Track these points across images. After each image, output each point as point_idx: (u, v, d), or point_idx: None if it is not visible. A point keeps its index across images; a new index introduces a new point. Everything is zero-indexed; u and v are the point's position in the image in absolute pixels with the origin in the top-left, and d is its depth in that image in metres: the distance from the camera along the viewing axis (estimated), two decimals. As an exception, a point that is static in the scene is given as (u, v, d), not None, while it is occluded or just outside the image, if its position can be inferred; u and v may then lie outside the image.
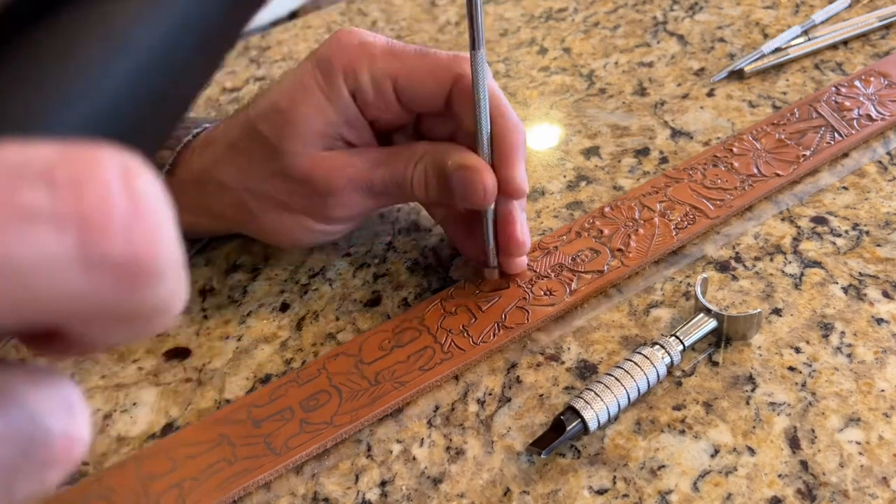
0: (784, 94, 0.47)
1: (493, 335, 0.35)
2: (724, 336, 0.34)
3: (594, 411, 0.30)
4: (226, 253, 0.42)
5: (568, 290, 0.36)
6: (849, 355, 0.33)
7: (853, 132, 0.42)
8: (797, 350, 0.33)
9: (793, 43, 0.50)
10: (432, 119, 0.37)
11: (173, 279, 0.12)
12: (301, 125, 0.34)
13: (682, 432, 0.31)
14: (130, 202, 0.11)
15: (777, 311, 0.35)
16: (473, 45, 0.30)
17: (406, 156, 0.35)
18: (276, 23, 0.78)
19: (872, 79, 0.46)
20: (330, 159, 0.34)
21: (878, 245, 0.37)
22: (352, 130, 0.35)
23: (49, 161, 0.10)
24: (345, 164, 0.34)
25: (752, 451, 0.30)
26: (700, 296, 0.34)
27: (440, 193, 0.35)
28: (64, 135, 0.11)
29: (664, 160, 0.44)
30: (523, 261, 0.37)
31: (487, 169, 0.33)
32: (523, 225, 0.35)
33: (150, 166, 0.11)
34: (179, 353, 0.37)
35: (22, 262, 0.10)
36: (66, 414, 0.12)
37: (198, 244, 0.42)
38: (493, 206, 0.34)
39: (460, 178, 0.33)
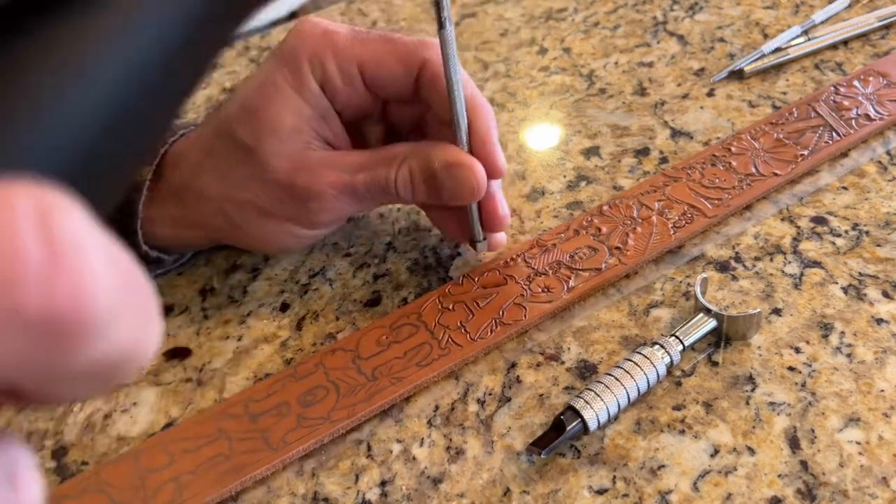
0: (784, 94, 0.47)
1: (491, 331, 0.35)
2: (724, 336, 0.34)
3: (594, 411, 0.30)
4: (226, 253, 0.42)
5: (566, 287, 0.36)
6: (849, 355, 0.33)
7: (851, 132, 0.42)
8: (797, 350, 0.33)
9: (793, 43, 0.50)
10: (399, 105, 0.37)
11: (122, 327, 0.10)
12: (275, 123, 0.33)
13: (682, 432, 0.31)
14: (47, 249, 0.09)
15: (777, 311, 0.35)
16: (441, 25, 0.30)
17: (388, 158, 0.35)
18: (275, 23, 0.78)
19: (871, 78, 0.46)
20: (310, 164, 0.34)
21: (878, 245, 0.37)
22: (324, 124, 0.35)
23: None
24: (326, 169, 0.34)
25: (751, 451, 0.30)
26: (700, 295, 0.34)
27: (427, 193, 0.35)
28: (7, 168, 0.09)
29: (664, 160, 0.44)
30: (504, 236, 0.37)
31: (476, 164, 0.33)
32: (502, 200, 0.36)
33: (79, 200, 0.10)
34: (179, 353, 0.37)
35: None
36: (15, 486, 0.10)
37: (182, 258, 0.41)
38: None
39: (450, 175, 0.33)
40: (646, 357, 0.32)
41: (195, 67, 0.12)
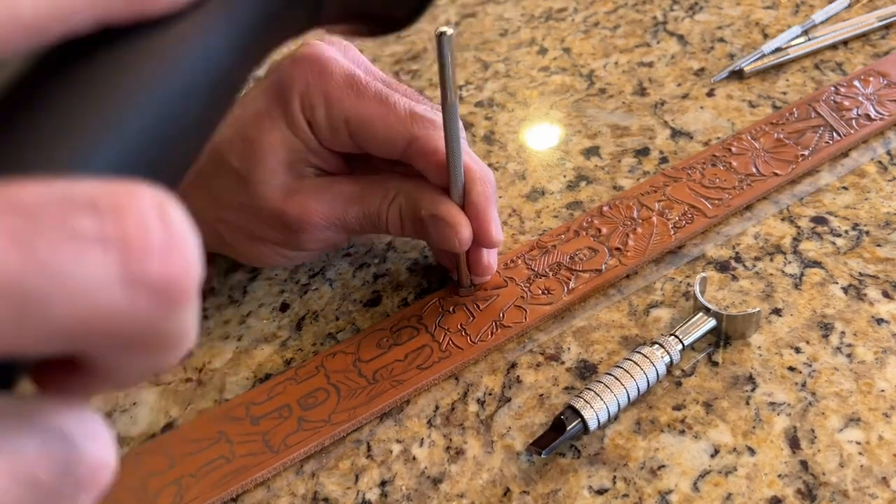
0: (784, 94, 0.47)
1: (491, 334, 0.35)
2: (724, 335, 0.34)
3: (594, 410, 0.30)
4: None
5: (566, 288, 0.36)
6: (849, 355, 0.33)
7: (852, 132, 0.42)
8: (797, 350, 0.33)
9: (793, 43, 0.50)
10: None
11: (195, 308, 0.12)
12: (268, 155, 0.33)
13: (682, 432, 0.31)
14: (165, 231, 0.12)
15: (777, 311, 0.35)
16: (445, 98, 0.29)
17: (380, 193, 0.34)
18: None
19: (871, 78, 0.46)
20: (301, 196, 0.34)
21: (878, 245, 0.37)
22: (317, 157, 0.35)
23: (94, 193, 0.11)
24: (316, 202, 0.34)
25: (752, 451, 0.30)
26: (699, 295, 0.34)
27: (415, 233, 0.35)
28: (100, 173, 0.12)
29: (664, 160, 0.44)
30: (490, 276, 0.37)
31: (462, 221, 0.33)
32: (491, 253, 0.36)
33: (180, 202, 0.12)
34: (179, 353, 0.37)
35: (72, 279, 0.11)
36: (95, 439, 0.13)
37: None
38: None
39: (435, 227, 0.33)
40: (645, 356, 0.32)
41: (232, 89, 0.15)
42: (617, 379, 0.31)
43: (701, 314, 0.34)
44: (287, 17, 0.16)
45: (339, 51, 0.34)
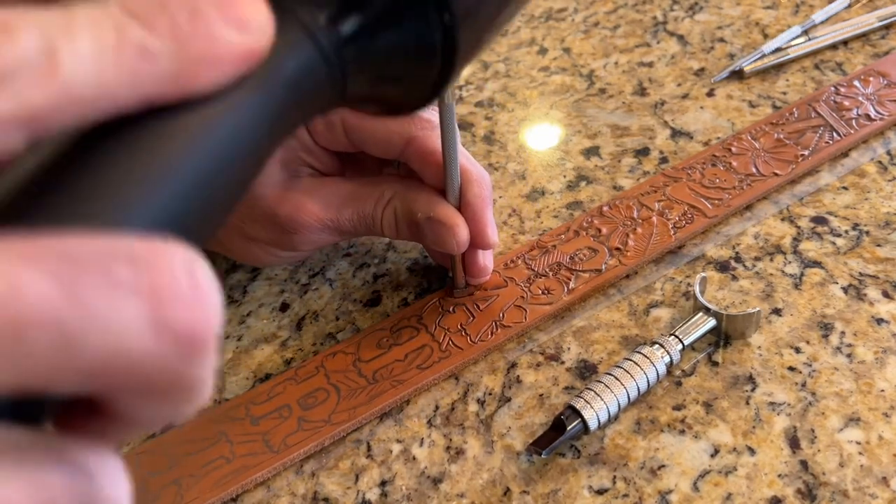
0: (784, 94, 0.47)
1: (491, 334, 0.35)
2: (724, 335, 0.34)
3: (594, 410, 0.30)
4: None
5: (566, 288, 0.36)
6: (849, 355, 0.33)
7: (852, 132, 0.42)
8: (797, 350, 0.33)
9: (793, 43, 0.50)
10: None
11: (213, 360, 0.13)
12: None
13: (682, 432, 0.31)
14: (193, 285, 0.13)
15: (777, 311, 0.35)
16: (442, 98, 0.29)
17: (374, 196, 0.34)
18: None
19: (871, 79, 0.46)
20: (295, 197, 0.34)
21: (878, 245, 0.37)
22: (312, 156, 0.35)
23: (133, 247, 0.12)
24: (310, 203, 0.34)
25: (752, 450, 0.30)
26: (699, 295, 0.34)
27: (411, 235, 0.35)
28: (138, 230, 0.13)
29: (664, 160, 0.44)
30: (487, 277, 0.37)
31: (459, 223, 0.33)
32: (486, 255, 0.36)
33: (207, 260, 0.13)
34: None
35: (107, 321, 0.12)
36: (114, 480, 0.14)
37: None
38: None
39: (431, 229, 0.33)
40: (645, 356, 0.32)
41: (259, 161, 0.17)
42: (617, 379, 0.31)
43: (701, 314, 0.34)
44: (315, 98, 0.17)
45: None
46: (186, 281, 0.13)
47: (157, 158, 0.14)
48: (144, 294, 0.12)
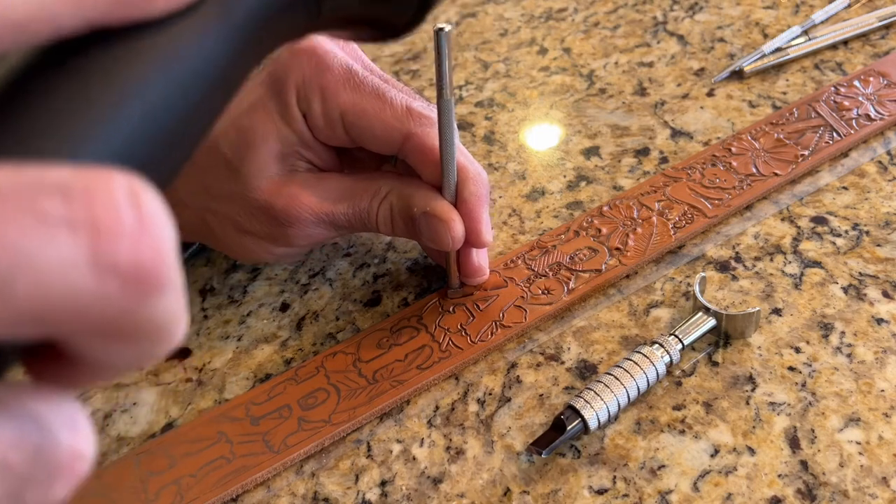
0: (784, 94, 0.47)
1: (491, 334, 0.35)
2: (724, 335, 0.34)
3: (594, 410, 0.30)
4: (226, 253, 0.42)
5: (566, 289, 0.36)
6: (849, 355, 0.33)
7: (851, 132, 0.42)
8: (797, 350, 0.33)
9: (793, 43, 0.50)
10: None
11: (174, 298, 0.12)
12: (260, 145, 0.33)
13: (682, 432, 0.31)
14: (137, 216, 0.11)
15: (777, 311, 0.35)
16: (441, 95, 0.29)
17: (370, 191, 0.34)
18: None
19: (871, 79, 0.46)
20: (291, 189, 0.34)
21: (878, 245, 0.37)
22: (310, 151, 0.34)
23: (65, 177, 0.11)
24: (306, 196, 0.34)
25: (752, 450, 0.30)
26: (699, 294, 0.34)
27: (406, 232, 0.35)
28: (90, 164, 0.12)
29: (664, 160, 0.44)
30: (483, 278, 0.37)
31: (455, 218, 0.33)
32: (481, 254, 0.36)
33: (159, 194, 0.12)
34: (179, 353, 0.37)
35: (40, 262, 0.11)
36: (72, 428, 0.13)
37: (190, 248, 0.42)
38: None
39: (427, 224, 0.33)
40: (645, 356, 0.32)
41: (227, 90, 0.15)
42: (617, 379, 0.31)
43: (701, 314, 0.34)
44: (283, 21, 0.16)
45: (337, 45, 0.34)
46: (129, 212, 0.11)
47: (109, 86, 0.13)
48: (79, 229, 0.11)
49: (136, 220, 0.11)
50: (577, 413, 0.30)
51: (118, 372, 0.13)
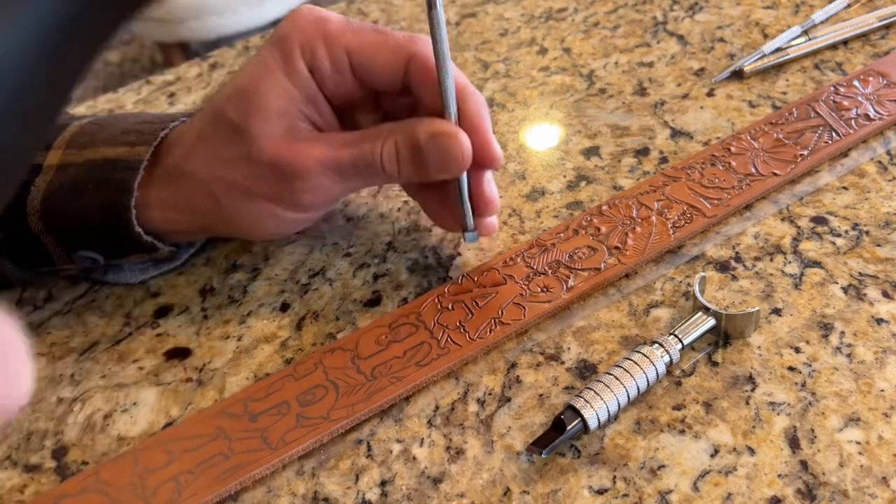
0: (784, 94, 0.47)
1: (490, 331, 0.35)
2: (724, 334, 0.34)
3: (594, 410, 0.30)
4: (226, 253, 0.42)
5: (565, 287, 0.36)
6: (849, 355, 0.33)
7: (851, 132, 0.42)
8: (797, 350, 0.33)
9: (793, 43, 0.50)
10: (391, 97, 0.37)
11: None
12: (263, 103, 0.34)
13: (682, 432, 0.31)
14: None
15: (777, 311, 0.35)
16: (430, 5, 0.30)
17: (373, 134, 0.35)
18: (276, 22, 0.78)
19: (871, 78, 0.46)
20: (296, 145, 0.34)
21: (878, 245, 0.37)
22: (313, 108, 0.35)
23: None
24: (311, 147, 0.34)
25: (751, 450, 0.30)
26: (698, 294, 0.34)
27: (413, 167, 0.35)
28: None
29: (664, 160, 0.44)
30: (495, 220, 0.37)
31: (461, 133, 0.33)
32: (491, 181, 0.36)
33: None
34: (179, 353, 0.37)
35: None
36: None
37: (180, 259, 0.41)
38: (465, 173, 0.35)
39: (435, 146, 0.33)
40: (645, 356, 0.32)
41: (79, 54, 0.14)
42: (617, 378, 0.31)
43: (700, 313, 0.34)
44: None
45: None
46: None
47: None
48: None
49: None
50: (577, 413, 0.30)
51: None
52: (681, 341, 0.33)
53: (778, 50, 0.49)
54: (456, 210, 0.37)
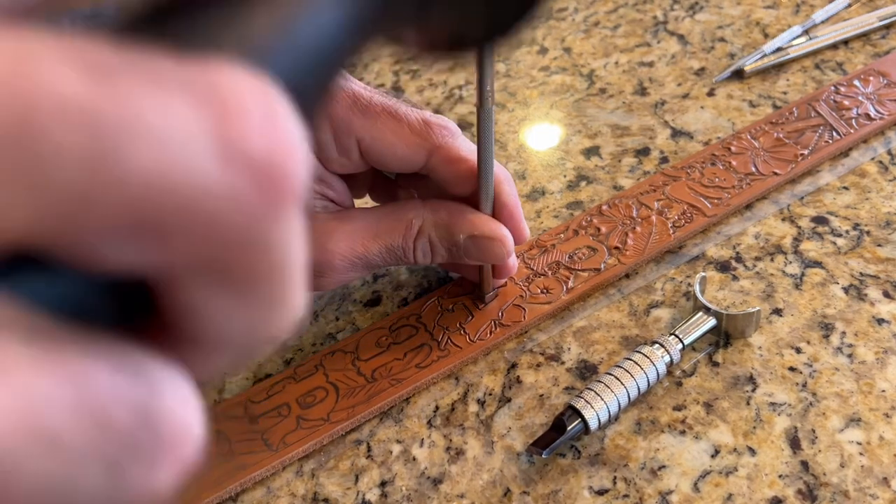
0: (784, 93, 0.47)
1: (490, 333, 0.35)
2: (724, 335, 0.34)
3: (594, 410, 0.30)
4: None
5: (565, 288, 0.36)
6: (849, 355, 0.33)
7: (852, 131, 0.42)
8: (798, 350, 0.33)
9: (793, 43, 0.50)
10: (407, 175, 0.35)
11: (299, 233, 0.10)
12: None
13: (683, 432, 0.31)
14: (267, 110, 0.10)
15: (778, 311, 0.35)
16: (482, 104, 0.29)
17: (402, 225, 0.33)
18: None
19: (871, 78, 0.46)
20: (318, 240, 0.32)
21: (879, 245, 0.37)
22: (323, 185, 0.34)
23: (189, 67, 0.09)
24: (335, 241, 0.32)
25: (752, 451, 0.30)
26: (699, 294, 0.34)
27: (448, 258, 0.34)
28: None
29: (664, 160, 0.44)
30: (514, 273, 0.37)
31: (506, 234, 0.33)
32: (513, 253, 0.35)
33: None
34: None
35: (156, 125, 0.09)
36: (182, 399, 0.11)
37: None
38: None
39: (476, 246, 0.33)
40: (645, 356, 0.32)
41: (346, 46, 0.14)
42: (617, 379, 0.31)
43: (701, 313, 0.34)
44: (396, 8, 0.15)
45: None
46: (258, 98, 0.10)
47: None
48: (204, 102, 0.09)
49: (266, 107, 0.10)
50: (578, 413, 0.30)
51: (226, 351, 0.11)
52: (681, 341, 0.33)
53: (778, 49, 0.49)
54: (475, 273, 0.36)
